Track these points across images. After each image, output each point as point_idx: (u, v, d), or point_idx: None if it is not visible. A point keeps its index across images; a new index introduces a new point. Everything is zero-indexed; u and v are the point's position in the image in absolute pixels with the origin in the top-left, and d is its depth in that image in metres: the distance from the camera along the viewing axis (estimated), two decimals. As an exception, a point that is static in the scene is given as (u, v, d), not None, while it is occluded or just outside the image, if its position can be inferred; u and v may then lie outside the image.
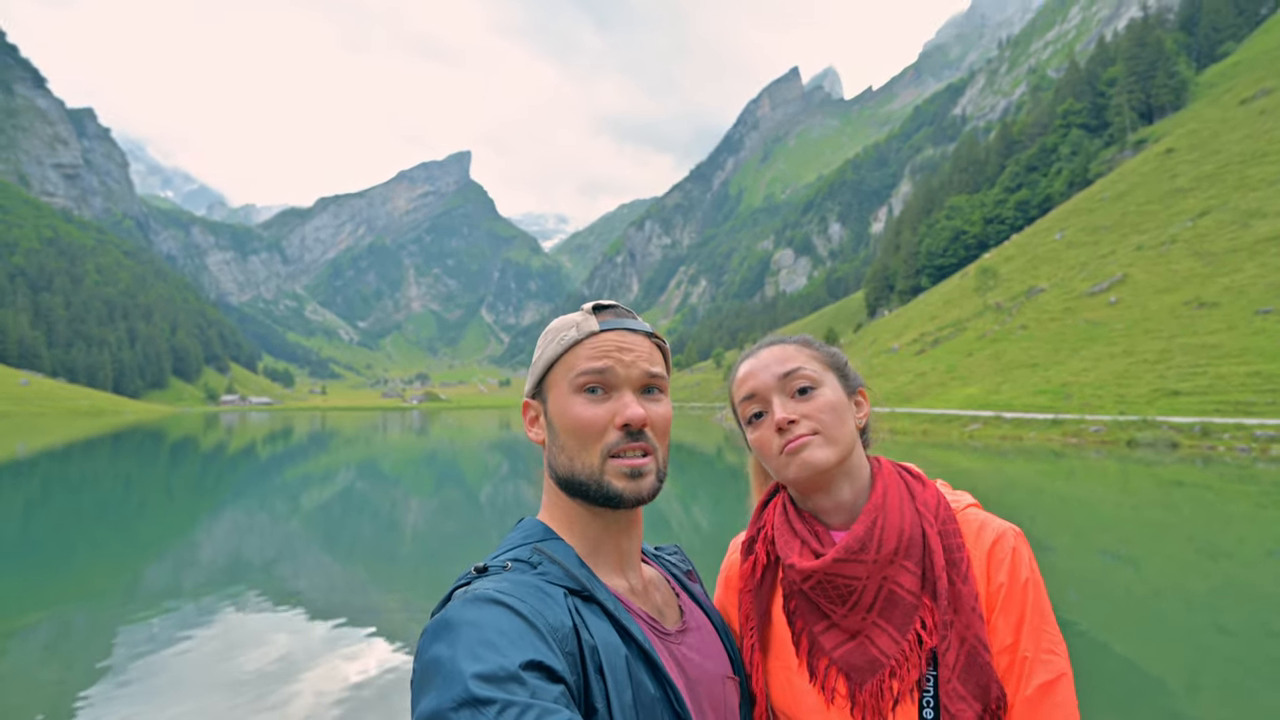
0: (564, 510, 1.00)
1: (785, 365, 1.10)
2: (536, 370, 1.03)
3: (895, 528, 1.04)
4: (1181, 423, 23.57)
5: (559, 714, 0.66)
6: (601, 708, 0.80)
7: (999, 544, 1.02)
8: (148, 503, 16.80)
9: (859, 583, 1.03)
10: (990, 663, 0.96)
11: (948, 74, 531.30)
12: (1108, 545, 10.40)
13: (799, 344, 1.15)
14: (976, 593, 0.99)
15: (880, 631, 1.02)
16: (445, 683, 0.69)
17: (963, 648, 0.97)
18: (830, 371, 1.13)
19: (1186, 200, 52.48)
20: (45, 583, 8.70)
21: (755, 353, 1.16)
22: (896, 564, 1.03)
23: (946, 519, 1.06)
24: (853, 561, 1.03)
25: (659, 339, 1.04)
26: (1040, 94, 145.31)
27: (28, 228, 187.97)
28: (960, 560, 1.01)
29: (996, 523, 1.06)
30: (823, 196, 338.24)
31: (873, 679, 1.01)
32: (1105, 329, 40.22)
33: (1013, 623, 0.98)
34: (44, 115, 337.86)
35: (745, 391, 1.12)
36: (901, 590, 1.02)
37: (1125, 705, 4.84)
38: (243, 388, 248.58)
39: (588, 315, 1.01)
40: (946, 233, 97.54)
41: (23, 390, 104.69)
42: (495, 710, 0.65)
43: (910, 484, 1.12)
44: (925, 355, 57.76)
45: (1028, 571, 1.00)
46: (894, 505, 1.06)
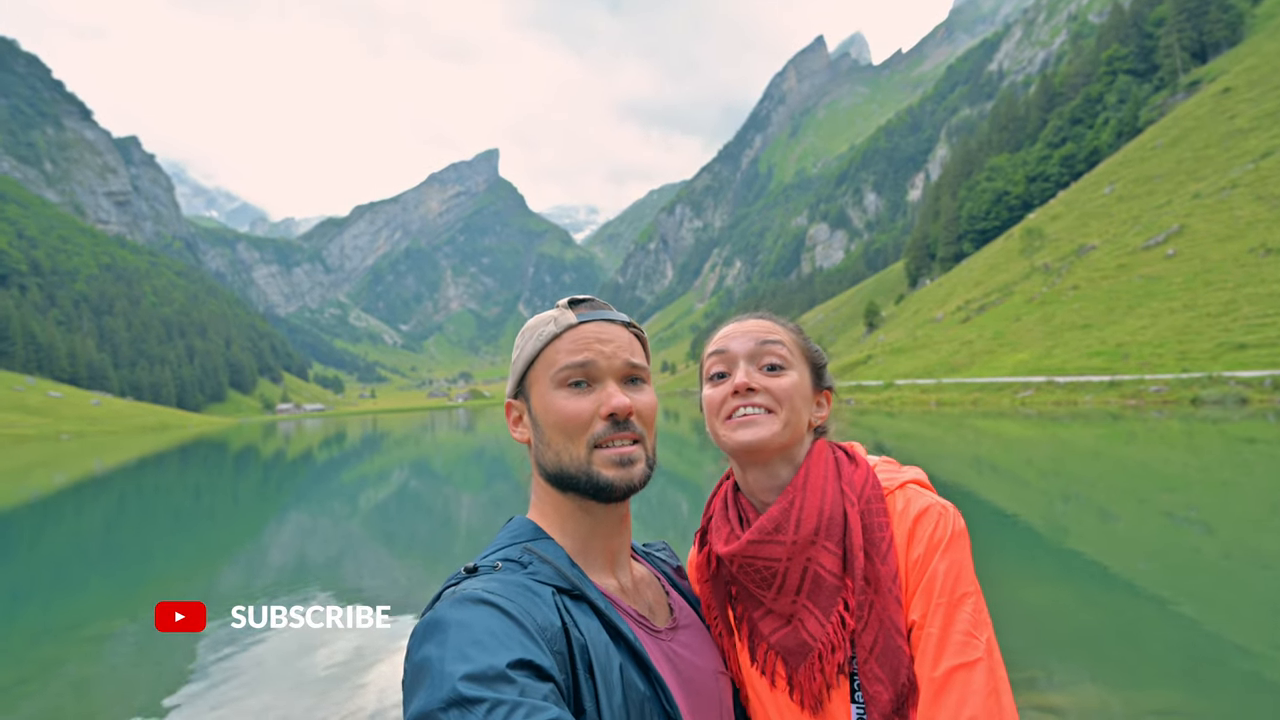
0: (554, 507, 0.99)
1: (765, 336, 1.09)
2: (517, 369, 1.02)
3: (814, 508, 1.02)
4: (1250, 376, 22.57)
5: (548, 711, 0.67)
6: (590, 707, 0.80)
7: (921, 519, 0.99)
8: (217, 510, 17.51)
9: (779, 564, 1.02)
10: (904, 646, 0.94)
11: (981, 29, 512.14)
12: (1174, 508, 10.06)
13: (789, 328, 1.14)
14: (895, 573, 0.97)
15: (809, 614, 1.02)
16: (434, 683, 0.69)
17: (880, 630, 0.95)
18: (805, 363, 1.12)
19: (1247, 141, 49.82)
20: (130, 588, 9.20)
21: (742, 318, 1.15)
22: (818, 545, 1.01)
23: (872, 498, 1.03)
24: (769, 543, 1.02)
25: (637, 329, 1.04)
26: (1082, 42, 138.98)
27: (86, 255, 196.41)
28: (880, 540, 0.99)
29: (926, 498, 1.02)
30: (856, 167, 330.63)
31: (805, 662, 1.01)
32: (1163, 284, 38.63)
33: (923, 599, 0.95)
34: (92, 146, 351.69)
35: (717, 347, 1.11)
36: (824, 572, 1.01)
37: (1201, 668, 4.72)
38: (296, 396, 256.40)
39: (564, 310, 1.00)
40: (988, 195, 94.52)
41: (95, 410, 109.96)
42: (484, 709, 0.65)
43: (840, 463, 1.09)
44: (971, 323, 56.35)
45: (946, 547, 0.97)
46: (815, 485, 1.04)
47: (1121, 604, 6.12)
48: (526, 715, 0.65)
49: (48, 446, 57.64)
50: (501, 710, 0.65)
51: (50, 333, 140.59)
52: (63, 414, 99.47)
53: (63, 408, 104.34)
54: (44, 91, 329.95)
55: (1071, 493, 11.92)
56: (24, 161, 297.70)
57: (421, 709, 0.68)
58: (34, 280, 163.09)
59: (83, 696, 5.58)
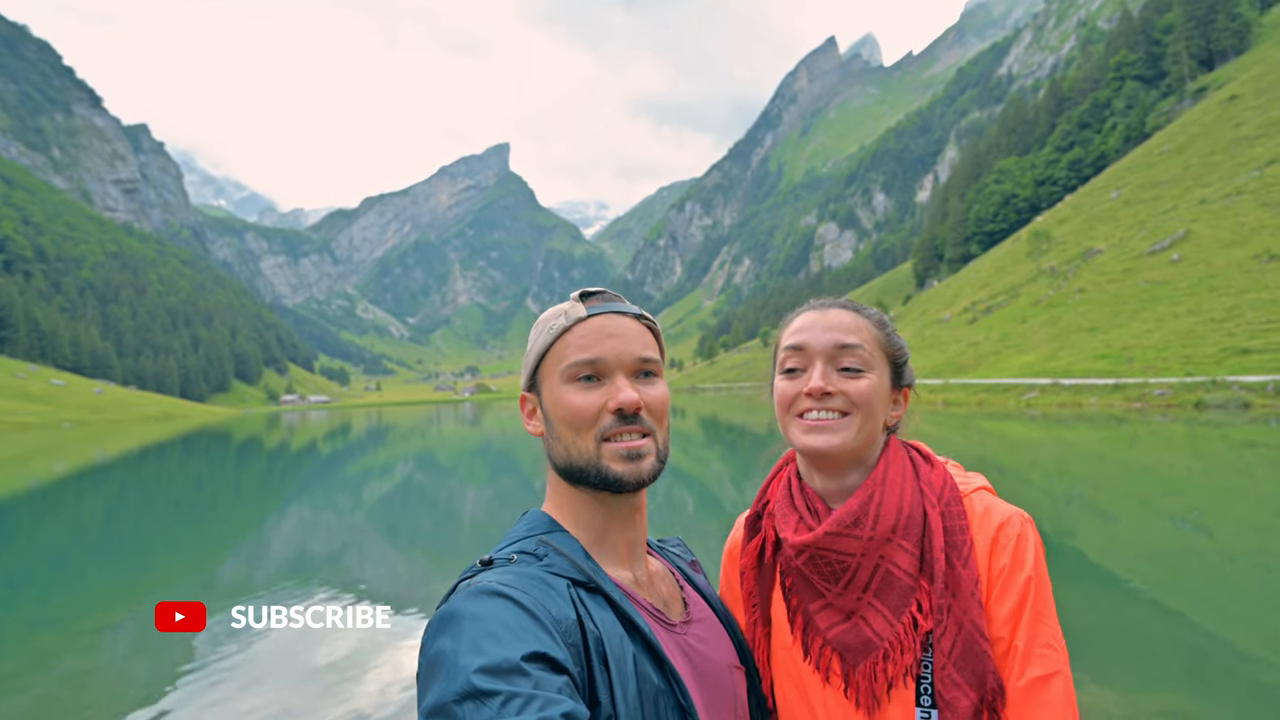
0: (568, 500, 0.99)
1: (847, 337, 1.04)
2: (529, 362, 1.02)
3: (894, 504, 1.00)
4: (1254, 381, 22.50)
5: (562, 704, 0.67)
6: (605, 700, 0.80)
7: (1005, 528, 0.97)
8: (219, 501, 17.54)
9: (853, 559, 1.00)
10: (988, 651, 0.93)
11: (992, 33, 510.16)
12: (1177, 511, 10.03)
13: (873, 322, 1.09)
14: (977, 578, 0.95)
15: (875, 612, 1.00)
16: (449, 676, 0.69)
17: (960, 634, 0.93)
18: (886, 361, 1.08)
19: (1253, 148, 49.64)
20: (129, 580, 9.21)
21: (824, 308, 1.09)
22: (894, 543, 0.99)
23: (951, 500, 1.01)
24: (846, 536, 0.99)
25: (650, 321, 1.03)
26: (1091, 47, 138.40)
27: (93, 243, 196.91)
28: (962, 543, 0.97)
29: (1004, 507, 1.01)
30: (865, 167, 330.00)
31: (866, 660, 0.99)
32: (1168, 288, 38.49)
33: (1009, 610, 0.94)
34: (101, 133, 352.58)
35: (794, 341, 1.07)
36: (898, 570, 0.99)
37: (1203, 670, 4.70)
38: (301, 387, 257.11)
39: (575, 303, 0.99)
40: (996, 197, 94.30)
41: (98, 399, 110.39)
42: (498, 702, 0.66)
43: (916, 462, 1.07)
44: (978, 324, 56.25)
45: (1032, 559, 0.95)
46: (894, 481, 1.02)
47: (1123, 605, 6.10)
48: (541, 708, 0.65)
49: (49, 434, 57.90)
50: (516, 703, 0.65)
51: (54, 320, 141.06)
52: (65, 402, 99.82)
53: (65, 396, 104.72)
54: (53, 78, 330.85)
55: (1075, 494, 11.90)
56: (32, 148, 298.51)
57: (436, 701, 0.68)
58: (39, 267, 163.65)
59: (79, 690, 5.54)
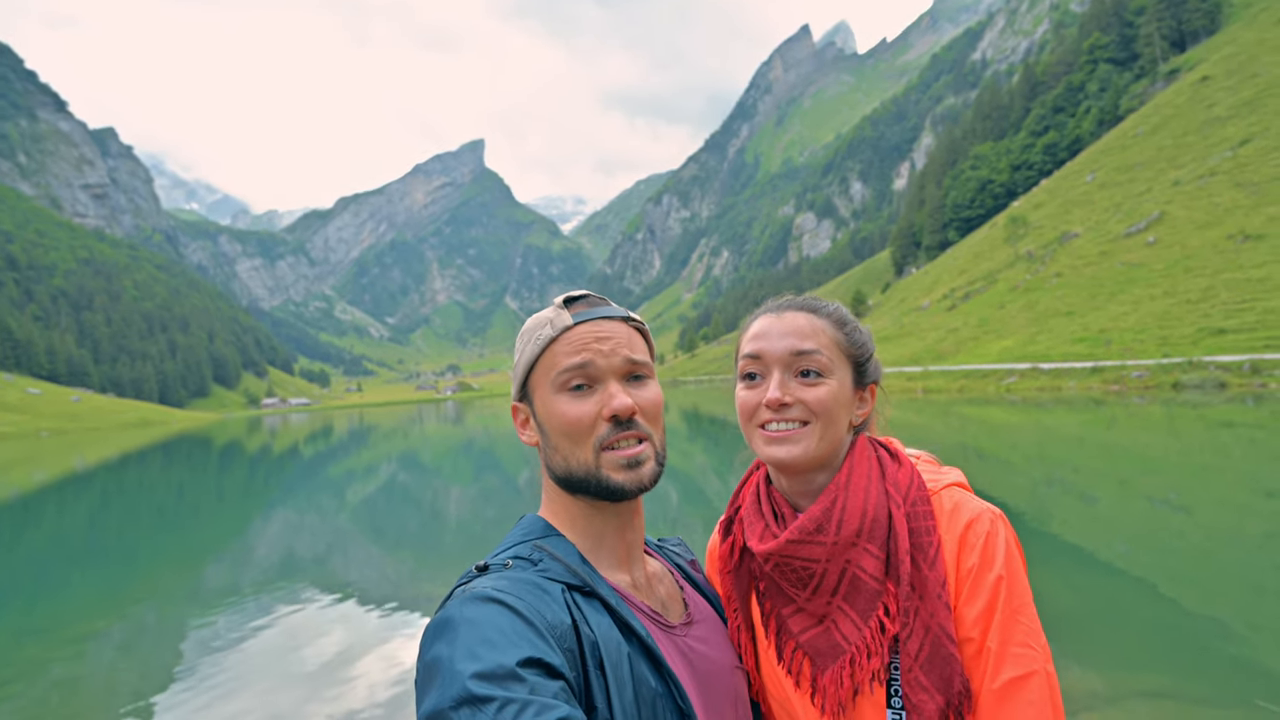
0: (564, 506, 0.99)
1: (803, 343, 1.02)
2: (518, 373, 1.01)
3: (857, 508, 0.99)
4: (1229, 361, 22.89)
5: (557, 709, 0.67)
6: (602, 704, 0.80)
7: (973, 526, 0.96)
8: (202, 507, 17.34)
9: (818, 565, 0.99)
10: (955, 654, 0.91)
11: (965, 18, 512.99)
12: (1156, 491, 10.19)
13: (831, 322, 1.06)
14: (944, 579, 0.94)
15: (844, 617, 0.99)
16: (445, 682, 0.69)
17: (927, 636, 0.92)
18: (847, 362, 1.06)
19: (1225, 129, 50.39)
20: (115, 587, 9.09)
21: (781, 311, 1.08)
22: (859, 547, 0.98)
23: (918, 499, 1.00)
24: (809, 543, 0.99)
25: (637, 322, 1.02)
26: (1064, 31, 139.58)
27: (64, 250, 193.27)
28: (928, 544, 0.96)
29: (974, 504, 0.99)
30: (842, 156, 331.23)
31: (834, 665, 0.98)
32: (1144, 270, 39.06)
33: (979, 611, 0.92)
34: (68, 138, 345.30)
35: (751, 349, 1.05)
36: (864, 575, 0.98)
37: (1184, 649, 4.78)
38: (281, 390, 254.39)
39: (560, 310, 0.98)
40: (972, 183, 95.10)
41: (75, 407, 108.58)
42: (494, 708, 0.66)
43: (883, 461, 1.05)
44: (956, 311, 56.75)
45: (1002, 557, 0.93)
46: (859, 485, 1.01)
47: (1104, 585, 6.19)
48: (537, 713, 0.65)
49: (27, 444, 56.84)
50: (512, 708, 0.66)
51: (28, 329, 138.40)
52: (42, 411, 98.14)
53: (42, 405, 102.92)
54: (16, 83, 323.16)
55: (1055, 477, 12.05)
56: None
57: (433, 708, 0.68)
58: (10, 275, 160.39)
59: (68, 696, 5.52)
